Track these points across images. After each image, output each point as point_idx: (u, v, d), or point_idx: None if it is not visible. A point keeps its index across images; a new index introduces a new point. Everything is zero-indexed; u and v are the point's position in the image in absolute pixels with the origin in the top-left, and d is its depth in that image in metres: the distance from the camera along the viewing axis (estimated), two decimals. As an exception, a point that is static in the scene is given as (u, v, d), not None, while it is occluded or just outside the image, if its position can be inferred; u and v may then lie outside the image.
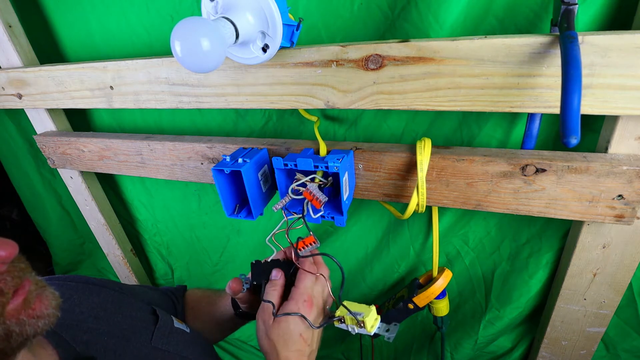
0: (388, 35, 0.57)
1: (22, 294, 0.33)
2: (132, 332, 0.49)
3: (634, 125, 0.45)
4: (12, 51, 0.76)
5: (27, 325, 0.33)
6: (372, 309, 0.49)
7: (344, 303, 0.50)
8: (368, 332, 0.48)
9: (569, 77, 0.34)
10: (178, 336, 0.53)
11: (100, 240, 1.04)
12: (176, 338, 0.52)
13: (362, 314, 0.48)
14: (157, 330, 0.51)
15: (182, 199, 0.93)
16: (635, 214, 0.47)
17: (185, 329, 0.55)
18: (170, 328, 0.53)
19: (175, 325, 0.54)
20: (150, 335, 0.50)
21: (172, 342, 0.51)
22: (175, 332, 0.53)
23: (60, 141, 0.81)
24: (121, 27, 0.74)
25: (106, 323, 0.48)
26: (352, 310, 0.49)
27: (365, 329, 0.48)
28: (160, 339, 0.50)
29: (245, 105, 0.59)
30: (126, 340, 0.47)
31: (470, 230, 0.70)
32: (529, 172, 0.48)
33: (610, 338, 0.69)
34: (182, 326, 0.55)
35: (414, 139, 0.64)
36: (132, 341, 0.48)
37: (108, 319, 0.48)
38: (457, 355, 0.83)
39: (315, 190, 0.49)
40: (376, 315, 0.50)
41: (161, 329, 0.51)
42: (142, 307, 0.54)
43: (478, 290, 0.75)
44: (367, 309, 0.49)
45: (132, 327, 0.49)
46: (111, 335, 0.47)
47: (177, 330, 0.53)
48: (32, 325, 0.33)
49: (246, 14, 0.42)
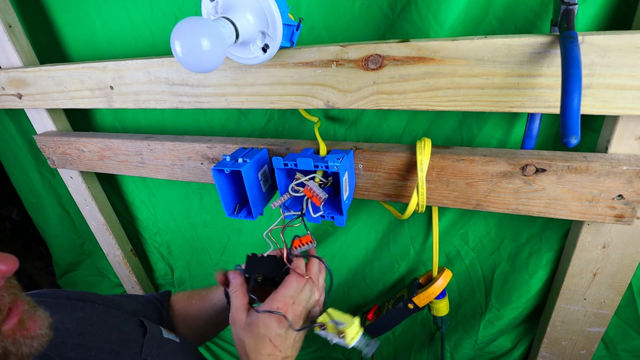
0: (388, 35, 0.58)
1: (17, 314, 0.33)
2: (121, 346, 0.48)
3: (634, 125, 0.45)
4: (12, 51, 0.76)
5: (22, 346, 0.33)
6: (356, 320, 0.47)
7: (329, 310, 0.48)
8: (347, 344, 0.46)
9: (569, 77, 0.34)
10: (168, 346, 0.52)
11: (100, 240, 1.04)
12: (166, 348, 0.51)
13: (345, 324, 0.46)
14: (146, 342, 0.50)
15: (184, 197, 0.93)
16: (635, 214, 0.47)
17: (174, 339, 0.54)
18: (159, 339, 0.52)
19: (165, 336, 0.53)
20: (139, 348, 0.49)
21: (162, 354, 0.50)
22: (165, 343, 0.52)
23: (60, 141, 0.81)
24: (124, 27, 0.74)
25: (93, 338, 0.47)
26: (335, 319, 0.47)
27: (345, 339, 0.46)
28: (150, 351, 0.49)
29: (245, 105, 0.59)
30: (115, 355, 0.47)
31: (470, 230, 0.70)
32: (529, 172, 0.48)
33: (610, 338, 0.69)
34: (171, 336, 0.54)
35: (414, 139, 0.64)
36: (121, 355, 0.47)
37: (94, 334, 0.48)
38: (457, 355, 0.83)
39: (316, 187, 0.49)
40: (358, 328, 0.48)
41: (150, 340, 0.50)
42: (129, 319, 0.53)
43: (478, 290, 0.75)
44: (350, 319, 0.47)
45: (120, 340, 0.49)
46: (99, 350, 0.46)
47: (167, 341, 0.53)
48: (27, 345, 0.33)
49: (246, 14, 0.42)
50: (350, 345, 0.46)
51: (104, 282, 1.26)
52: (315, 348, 1.02)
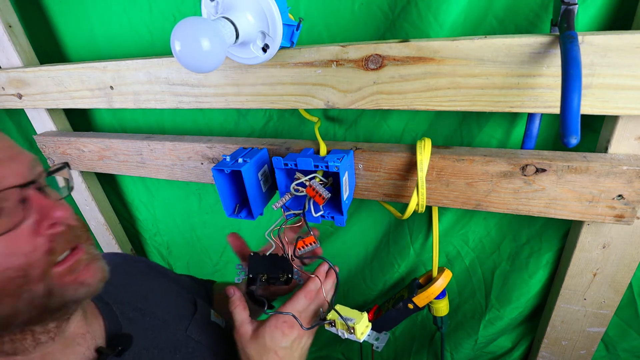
0: (388, 35, 0.57)
1: (70, 260, 0.35)
2: (172, 318, 0.51)
3: (634, 125, 0.45)
4: (12, 51, 0.76)
5: (68, 290, 0.35)
6: (364, 316, 0.48)
7: (337, 307, 0.49)
8: (357, 338, 0.47)
9: (569, 77, 0.34)
10: (213, 329, 0.54)
11: (100, 240, 1.04)
12: (210, 331, 0.53)
13: (354, 320, 0.47)
14: (193, 321, 0.52)
15: (184, 198, 0.93)
16: (635, 214, 0.47)
17: (220, 324, 0.56)
18: (207, 320, 0.54)
19: (212, 319, 0.55)
20: (187, 324, 0.51)
21: (205, 334, 0.52)
22: (210, 325, 0.54)
23: (60, 141, 0.81)
24: (123, 27, 0.74)
25: (152, 305, 0.51)
26: (343, 315, 0.48)
27: (355, 335, 0.47)
28: (196, 330, 0.51)
29: (246, 105, 0.59)
30: (165, 325, 0.49)
31: (470, 230, 0.70)
32: (529, 172, 0.48)
33: (610, 338, 0.69)
34: (218, 320, 0.56)
35: (414, 139, 0.64)
36: (170, 326, 0.50)
37: (155, 302, 0.51)
38: (457, 355, 0.83)
39: (318, 186, 0.49)
40: (367, 323, 0.49)
41: (197, 320, 0.53)
42: (186, 296, 0.56)
43: (478, 290, 0.75)
44: (359, 315, 0.49)
45: (173, 313, 0.52)
46: (154, 317, 0.49)
47: (213, 324, 0.55)
48: (72, 290, 0.35)
49: (246, 14, 0.42)
50: (361, 339, 0.48)
51: (104, 282, 1.26)
52: (316, 348, 1.02)
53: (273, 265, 0.55)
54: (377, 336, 0.54)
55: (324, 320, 0.49)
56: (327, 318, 0.49)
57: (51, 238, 0.34)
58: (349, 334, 0.48)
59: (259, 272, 0.54)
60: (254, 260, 0.55)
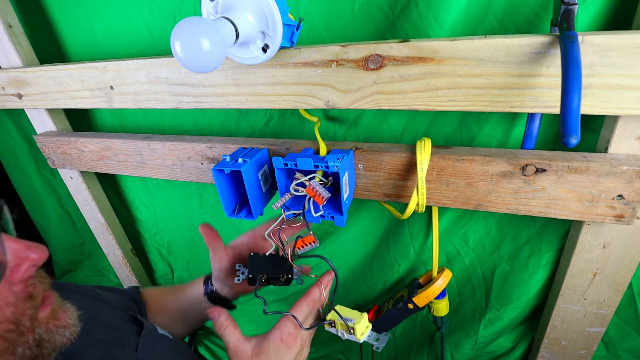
0: (388, 35, 0.57)
1: (49, 304, 0.33)
2: (116, 345, 0.47)
3: (634, 125, 0.45)
4: (12, 51, 0.76)
5: (55, 334, 0.33)
6: (364, 316, 0.48)
7: (336, 308, 0.49)
8: (357, 339, 0.47)
9: (569, 77, 0.34)
10: (163, 344, 0.51)
11: (100, 240, 1.04)
12: (161, 347, 0.50)
13: (354, 321, 0.47)
14: (141, 340, 0.48)
15: (184, 198, 0.93)
16: (635, 214, 0.47)
17: (168, 335, 0.53)
18: (154, 336, 0.50)
19: (159, 332, 0.52)
20: (135, 346, 0.47)
21: (157, 352, 0.49)
22: (159, 340, 0.51)
23: (60, 141, 0.81)
24: (123, 27, 0.74)
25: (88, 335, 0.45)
26: (343, 316, 0.48)
27: (355, 335, 0.47)
28: (146, 350, 0.48)
29: (245, 105, 0.59)
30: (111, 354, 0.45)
31: (470, 230, 0.70)
32: (529, 172, 0.48)
33: (610, 338, 0.69)
34: (165, 332, 0.53)
35: (414, 139, 0.64)
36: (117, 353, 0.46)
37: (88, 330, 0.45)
38: (457, 355, 0.83)
39: (318, 186, 0.49)
40: (367, 323, 0.49)
41: (146, 338, 0.49)
42: (121, 315, 0.52)
43: (478, 290, 0.75)
44: (358, 315, 0.48)
45: (115, 338, 0.47)
46: (96, 347, 0.45)
47: (161, 337, 0.51)
48: (60, 334, 0.34)
49: (246, 14, 0.42)
50: (361, 340, 0.48)
51: (104, 282, 1.26)
52: (316, 348, 1.02)
53: (273, 266, 0.55)
54: (377, 337, 0.54)
55: (324, 320, 0.49)
56: (327, 318, 0.49)
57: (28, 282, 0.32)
58: (348, 334, 0.48)
59: (259, 272, 0.54)
60: (254, 261, 0.55)
